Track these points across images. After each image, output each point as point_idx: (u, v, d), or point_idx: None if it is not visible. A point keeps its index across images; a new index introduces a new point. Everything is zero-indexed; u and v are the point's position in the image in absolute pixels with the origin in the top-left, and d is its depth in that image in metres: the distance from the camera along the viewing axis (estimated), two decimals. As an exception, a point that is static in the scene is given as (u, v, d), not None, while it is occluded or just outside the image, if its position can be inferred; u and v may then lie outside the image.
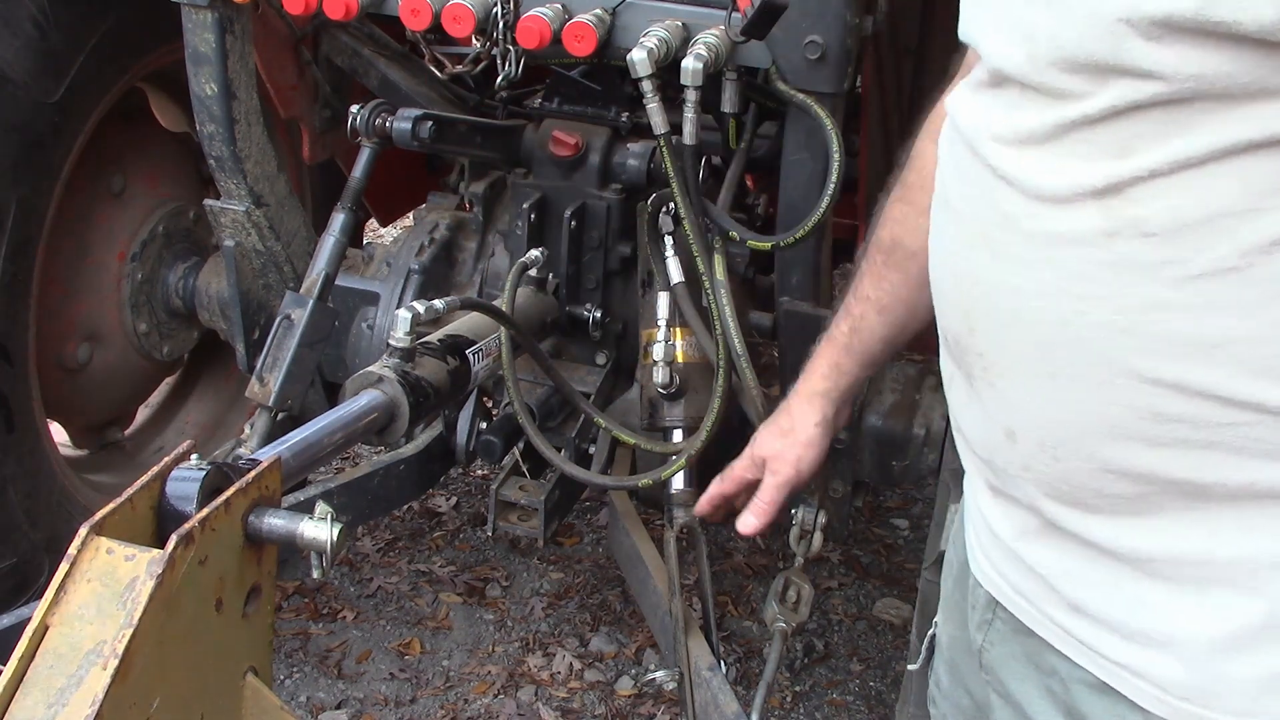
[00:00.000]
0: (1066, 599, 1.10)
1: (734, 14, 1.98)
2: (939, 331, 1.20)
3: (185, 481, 1.12)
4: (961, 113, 1.12)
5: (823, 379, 1.66)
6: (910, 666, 1.56)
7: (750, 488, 1.79)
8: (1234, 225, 0.91)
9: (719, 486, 1.83)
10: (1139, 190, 0.94)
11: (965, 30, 1.14)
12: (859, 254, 1.57)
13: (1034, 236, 1.01)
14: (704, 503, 1.88)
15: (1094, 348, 0.99)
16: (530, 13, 2.16)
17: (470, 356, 2.03)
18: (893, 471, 2.48)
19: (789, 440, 1.70)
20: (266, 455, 1.24)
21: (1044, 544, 1.11)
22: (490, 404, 2.63)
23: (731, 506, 1.88)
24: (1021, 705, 1.18)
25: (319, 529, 1.16)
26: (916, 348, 2.63)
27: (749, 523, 1.74)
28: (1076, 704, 1.11)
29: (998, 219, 1.04)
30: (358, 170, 2.40)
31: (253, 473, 1.16)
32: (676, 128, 2.09)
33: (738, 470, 1.79)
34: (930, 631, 1.48)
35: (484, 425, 2.52)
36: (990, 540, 1.19)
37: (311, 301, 2.30)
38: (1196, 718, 1.03)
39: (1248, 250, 0.91)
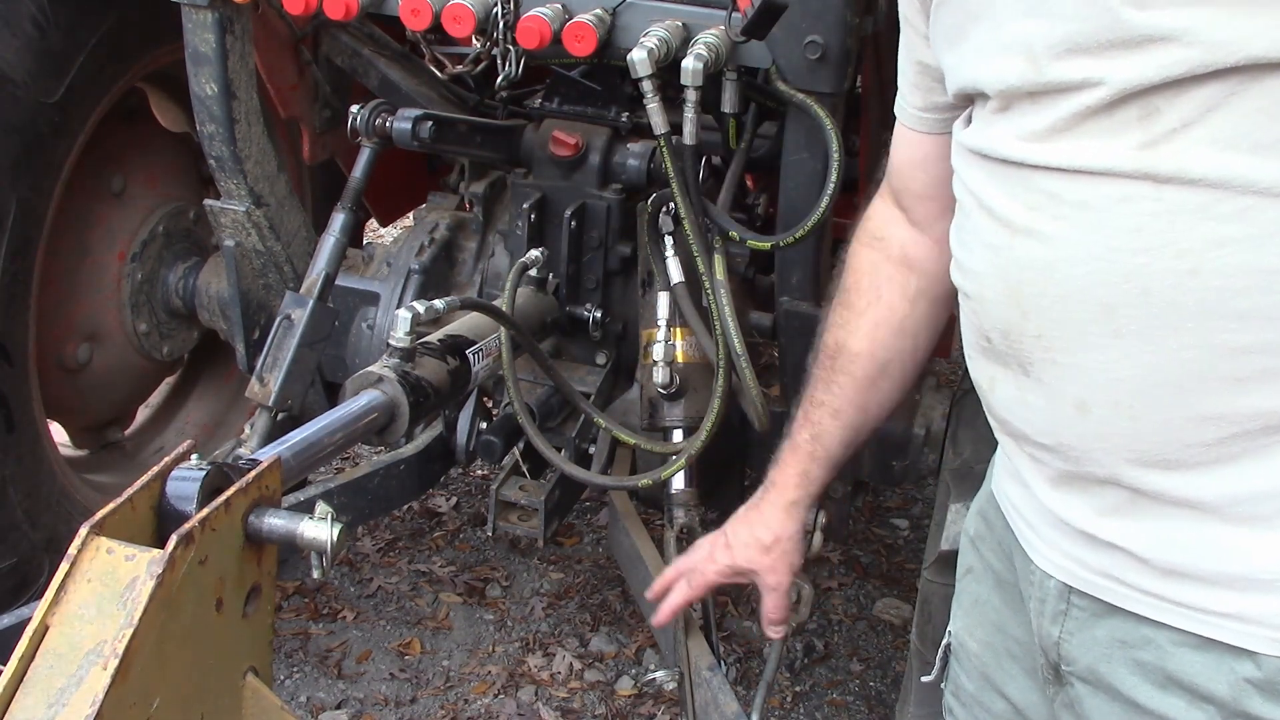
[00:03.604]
0: (1157, 566, 1.11)
1: (734, 14, 1.98)
2: (971, 341, 1.23)
3: (185, 481, 1.12)
4: (977, 139, 1.16)
5: (795, 489, 1.68)
6: (924, 679, 1.55)
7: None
8: (1271, 152, 0.95)
9: (687, 595, 1.82)
10: (1173, 143, 0.98)
11: (959, 79, 1.19)
12: (809, 360, 1.63)
13: (1081, 205, 1.04)
14: (664, 613, 1.85)
15: (1161, 297, 1.01)
16: (530, 13, 2.17)
17: (470, 356, 2.02)
18: (893, 471, 2.48)
19: (776, 553, 1.72)
20: (266, 455, 1.24)
21: (1127, 518, 1.12)
22: (490, 404, 2.63)
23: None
24: (1114, 686, 1.18)
25: (319, 529, 1.16)
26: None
27: (781, 631, 1.81)
28: (1176, 669, 1.12)
29: (1041, 200, 1.07)
30: (358, 170, 2.40)
31: (253, 473, 1.16)
32: (676, 128, 2.09)
33: (711, 578, 1.79)
34: (945, 641, 1.48)
35: (484, 425, 2.52)
36: (1058, 530, 1.19)
37: (311, 301, 2.30)
38: None
39: None
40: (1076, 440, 1.12)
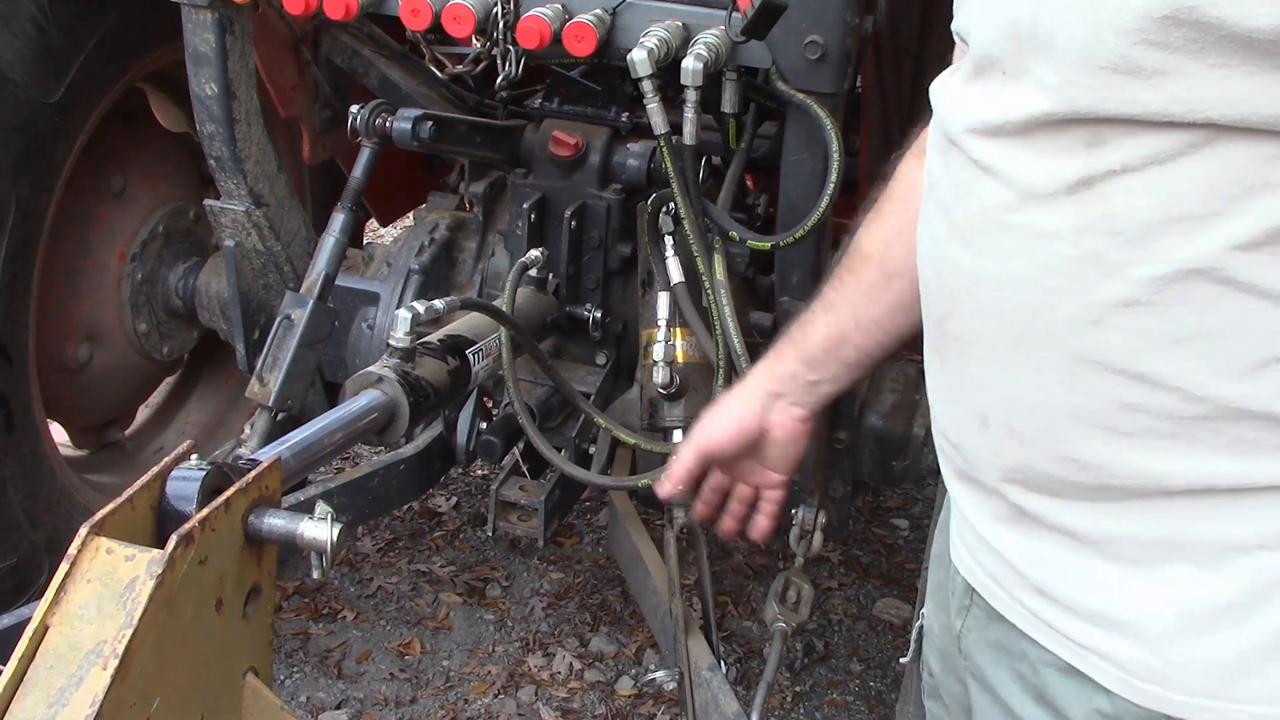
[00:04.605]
0: (1033, 583, 1.12)
1: (734, 14, 1.98)
2: (924, 320, 1.22)
3: (185, 481, 1.12)
4: (942, 101, 1.14)
5: (763, 362, 1.60)
6: (902, 659, 1.56)
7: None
8: (1197, 227, 0.93)
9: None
10: (1109, 185, 0.96)
11: (958, 22, 1.16)
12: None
13: (1009, 229, 1.03)
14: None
15: (1063, 339, 1.01)
16: (530, 13, 2.17)
17: (470, 356, 2.03)
18: (893, 471, 2.48)
19: (710, 413, 1.64)
20: (266, 455, 1.24)
21: (1011, 529, 1.13)
22: (490, 404, 2.63)
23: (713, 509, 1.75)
24: (995, 690, 1.19)
25: (319, 529, 1.16)
26: (917, 348, 2.64)
27: (663, 487, 1.66)
28: (1045, 687, 1.13)
29: (976, 210, 1.06)
30: (358, 170, 2.40)
31: (253, 473, 1.16)
32: (676, 128, 2.09)
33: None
34: (918, 623, 1.48)
35: (484, 425, 2.52)
36: (965, 527, 1.21)
37: (311, 301, 2.30)
38: (1157, 698, 1.04)
39: (1209, 253, 0.93)
40: (974, 448, 1.13)
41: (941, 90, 1.16)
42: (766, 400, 1.57)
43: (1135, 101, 0.93)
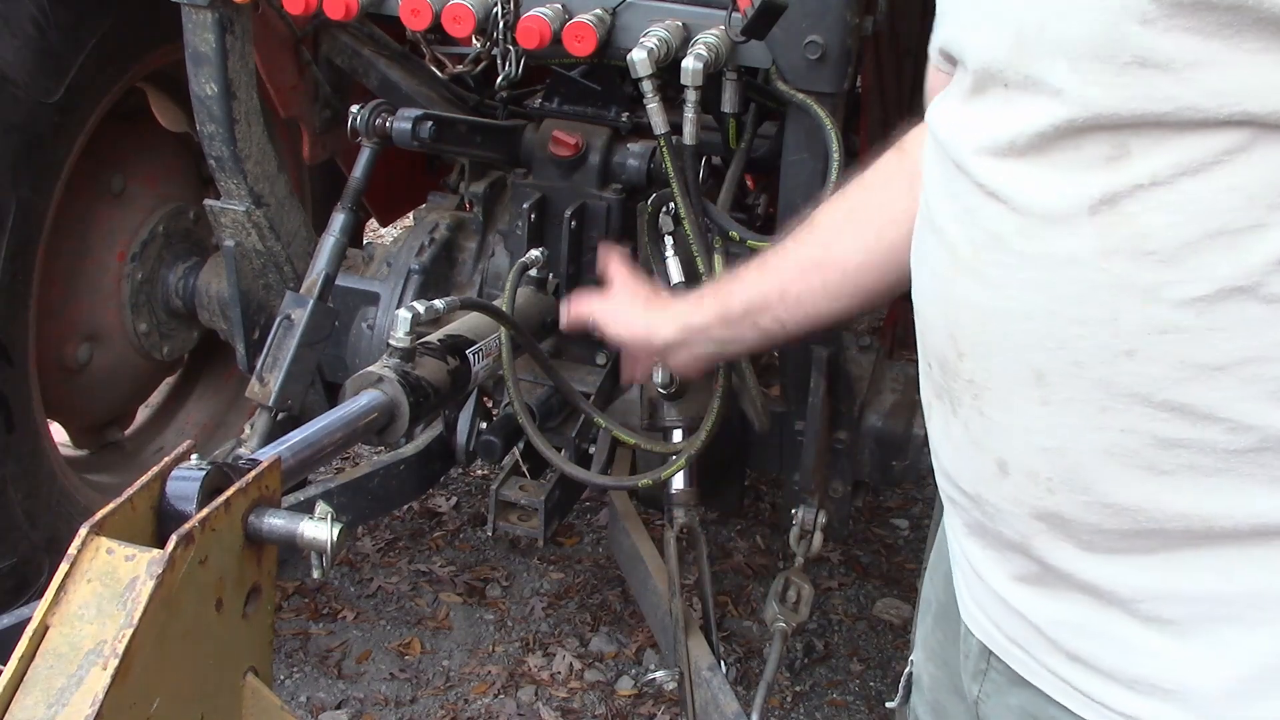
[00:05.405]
0: (1064, 648, 1.05)
1: (734, 14, 1.98)
2: (920, 359, 1.15)
3: (185, 481, 1.12)
4: (943, 126, 1.06)
5: (685, 303, 1.66)
6: (889, 704, 1.52)
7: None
8: (1238, 242, 0.86)
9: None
10: (1136, 202, 0.89)
11: (947, 39, 1.08)
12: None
13: (1025, 257, 0.95)
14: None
15: (1093, 372, 0.94)
16: (530, 13, 2.17)
17: (470, 356, 2.02)
18: (893, 471, 2.49)
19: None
20: (266, 455, 1.24)
21: (1037, 590, 1.06)
22: (490, 404, 2.63)
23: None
24: None
25: (319, 529, 1.16)
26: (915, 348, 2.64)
27: (562, 319, 1.79)
28: None
29: (986, 240, 0.98)
30: (358, 170, 2.40)
31: (253, 473, 1.16)
32: (676, 128, 2.09)
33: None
34: (907, 670, 1.42)
35: (484, 425, 2.52)
36: (979, 586, 1.13)
37: (311, 301, 2.30)
38: None
39: (1252, 269, 0.86)
40: (994, 498, 1.05)
41: (940, 113, 1.07)
42: (672, 342, 1.64)
43: (1166, 98, 0.85)
